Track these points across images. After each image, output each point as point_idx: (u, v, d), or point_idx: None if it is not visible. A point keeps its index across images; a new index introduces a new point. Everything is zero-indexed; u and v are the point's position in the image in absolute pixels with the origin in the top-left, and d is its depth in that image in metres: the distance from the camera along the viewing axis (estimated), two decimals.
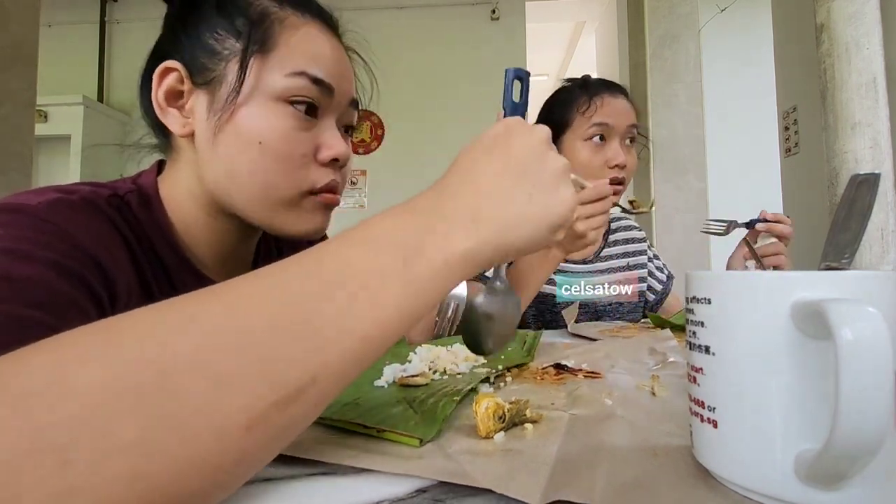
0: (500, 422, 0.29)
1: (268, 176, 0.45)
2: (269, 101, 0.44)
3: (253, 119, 0.44)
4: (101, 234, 0.40)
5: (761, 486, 0.20)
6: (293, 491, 0.23)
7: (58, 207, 0.38)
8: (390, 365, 0.43)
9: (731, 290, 0.21)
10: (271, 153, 0.44)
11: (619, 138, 0.91)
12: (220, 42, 0.45)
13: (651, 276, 1.05)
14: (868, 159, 1.28)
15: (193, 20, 0.46)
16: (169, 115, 0.46)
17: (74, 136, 2.69)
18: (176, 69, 0.45)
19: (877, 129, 1.28)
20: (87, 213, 0.40)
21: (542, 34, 3.72)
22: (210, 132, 0.44)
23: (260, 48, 0.44)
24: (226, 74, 0.44)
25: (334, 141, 0.47)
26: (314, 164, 0.47)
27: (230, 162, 0.45)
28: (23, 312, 0.30)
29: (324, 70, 0.46)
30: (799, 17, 1.68)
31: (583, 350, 0.56)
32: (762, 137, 2.48)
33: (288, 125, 0.45)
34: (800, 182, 1.79)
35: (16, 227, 0.35)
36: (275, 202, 0.46)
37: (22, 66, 1.44)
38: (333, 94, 0.47)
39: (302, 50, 0.45)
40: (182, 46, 0.46)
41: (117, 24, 3.06)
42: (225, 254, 0.51)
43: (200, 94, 0.45)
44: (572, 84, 0.99)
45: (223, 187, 0.46)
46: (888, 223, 1.28)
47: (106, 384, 0.17)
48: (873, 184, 0.53)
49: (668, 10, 2.58)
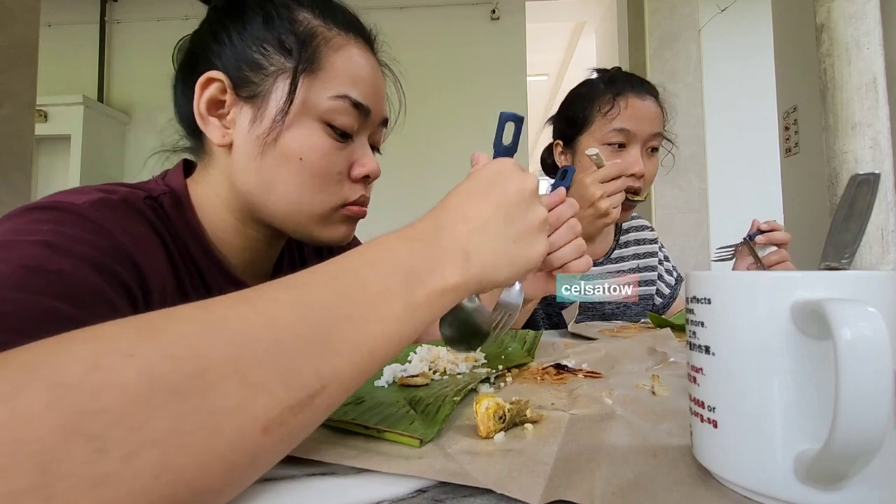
0: (501, 422, 0.29)
1: (304, 190, 0.46)
2: (313, 122, 0.46)
3: (296, 136, 0.45)
4: (139, 234, 0.41)
5: (761, 487, 0.20)
6: (293, 491, 0.23)
7: (100, 206, 0.39)
8: (390, 365, 0.43)
9: (731, 290, 0.21)
10: (310, 169, 0.46)
11: (640, 145, 0.85)
12: (266, 57, 0.45)
13: (660, 280, 1.03)
14: (868, 159, 1.28)
15: (238, 30, 0.46)
16: (210, 125, 0.47)
17: (74, 136, 2.68)
18: (220, 80, 0.45)
19: (877, 129, 1.28)
20: (127, 213, 0.41)
21: (542, 34, 3.72)
22: (253, 145, 0.45)
23: (308, 67, 0.45)
24: (272, 91, 0.45)
25: (367, 159, 0.49)
26: (347, 181, 0.49)
27: (269, 174, 0.46)
28: (53, 304, 0.31)
29: (363, 93, 0.47)
30: (799, 17, 1.68)
31: (583, 350, 0.56)
32: (762, 137, 2.48)
33: (327, 144, 0.46)
34: (800, 182, 1.79)
35: (58, 223, 0.36)
36: (308, 215, 0.48)
37: (22, 66, 1.44)
38: (369, 117, 0.49)
39: (346, 72, 0.47)
40: (225, 56, 0.46)
41: (117, 24, 3.06)
42: (251, 257, 0.53)
43: (244, 107, 0.46)
44: (598, 77, 0.92)
45: (258, 197, 0.47)
46: (888, 223, 1.28)
47: (143, 379, 0.18)
48: (873, 184, 0.53)
49: (668, 10, 2.58)
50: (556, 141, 0.97)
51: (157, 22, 2.98)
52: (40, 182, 2.74)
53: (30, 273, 0.31)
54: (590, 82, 0.93)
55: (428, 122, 2.86)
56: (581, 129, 0.89)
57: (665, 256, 1.06)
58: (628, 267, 1.00)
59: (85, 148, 2.69)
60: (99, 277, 0.35)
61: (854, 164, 1.30)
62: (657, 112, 0.87)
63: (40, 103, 2.00)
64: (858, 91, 1.29)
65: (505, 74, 2.88)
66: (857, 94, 1.29)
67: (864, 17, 1.29)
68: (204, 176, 0.50)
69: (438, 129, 2.84)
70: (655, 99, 0.88)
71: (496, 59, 2.90)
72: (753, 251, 0.81)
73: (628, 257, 1.01)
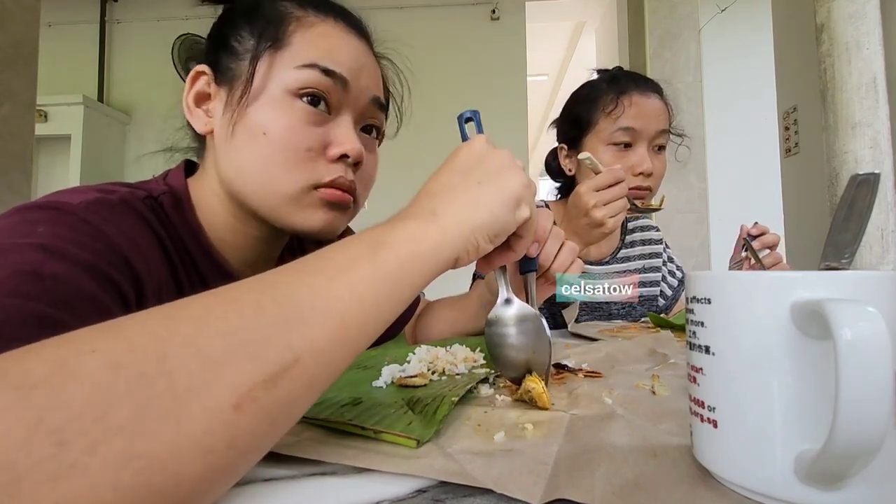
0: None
1: (270, 168, 0.45)
2: (279, 95, 0.45)
3: (261, 112, 0.45)
4: (136, 235, 0.41)
5: (761, 487, 0.20)
6: (293, 491, 0.23)
7: (97, 207, 0.39)
8: (389, 366, 0.43)
9: (731, 290, 0.21)
10: (275, 144, 0.45)
11: (646, 143, 0.84)
12: (241, 43, 0.47)
13: (664, 281, 1.02)
14: (868, 159, 1.28)
15: (224, 27, 0.49)
16: (194, 116, 0.49)
17: (74, 136, 2.68)
18: (204, 73, 0.48)
19: (877, 129, 1.28)
20: (124, 214, 0.41)
21: (542, 34, 3.72)
22: (225, 128, 0.46)
23: (273, 44, 0.45)
24: (241, 72, 0.46)
25: (345, 138, 0.47)
26: (323, 160, 0.47)
27: (238, 155, 0.46)
28: (45, 310, 0.31)
29: (338, 63, 0.46)
30: (799, 17, 1.68)
31: (583, 350, 0.56)
32: (762, 137, 2.48)
33: (295, 117, 0.45)
34: (800, 182, 1.79)
35: (54, 224, 0.36)
36: (279, 195, 0.46)
37: (22, 65, 1.43)
38: (348, 88, 0.47)
39: (316, 45, 0.46)
40: (211, 51, 0.49)
41: (117, 24, 3.06)
42: (251, 256, 0.53)
43: (220, 93, 0.47)
44: (599, 78, 0.91)
45: (233, 181, 0.47)
46: (888, 223, 1.28)
47: (106, 370, 0.18)
48: (873, 184, 0.53)
49: (668, 10, 2.58)
50: (561, 145, 0.96)
51: (157, 22, 2.98)
52: (40, 182, 2.73)
53: (25, 278, 0.31)
54: (592, 83, 0.92)
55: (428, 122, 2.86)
56: (585, 130, 0.88)
57: (669, 257, 1.06)
58: (634, 267, 0.99)
59: (85, 148, 2.68)
60: (92, 282, 0.35)
61: (854, 164, 1.30)
62: (662, 108, 0.86)
63: (40, 103, 2.00)
64: (858, 91, 1.29)
65: (505, 74, 2.88)
66: (856, 94, 1.30)
67: (864, 17, 1.29)
68: (202, 173, 0.51)
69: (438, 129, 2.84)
70: (659, 95, 0.87)
71: (496, 59, 2.90)
72: (754, 252, 0.81)
73: (634, 257, 1.00)
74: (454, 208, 0.31)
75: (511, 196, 0.33)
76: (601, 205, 0.69)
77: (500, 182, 0.33)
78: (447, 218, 0.30)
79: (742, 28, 2.78)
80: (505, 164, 0.34)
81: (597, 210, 0.69)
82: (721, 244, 2.48)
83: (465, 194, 0.32)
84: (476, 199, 0.31)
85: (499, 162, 0.34)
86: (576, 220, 0.73)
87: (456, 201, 0.31)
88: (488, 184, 0.32)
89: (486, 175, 0.33)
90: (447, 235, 0.29)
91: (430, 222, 0.29)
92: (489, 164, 0.33)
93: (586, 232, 0.71)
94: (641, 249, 1.01)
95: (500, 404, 0.36)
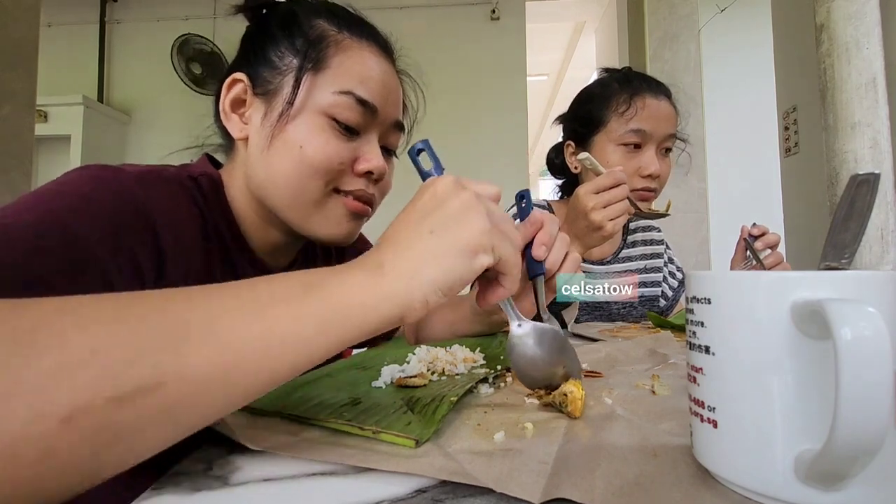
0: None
1: (303, 178, 0.48)
2: (316, 114, 0.48)
3: (299, 127, 0.48)
4: (179, 208, 0.45)
5: (761, 487, 0.20)
6: (293, 491, 0.23)
7: (149, 177, 0.43)
8: (388, 366, 0.43)
9: (731, 290, 0.21)
10: (310, 158, 0.47)
11: (655, 146, 0.84)
12: (280, 58, 0.49)
13: (665, 282, 1.02)
14: (868, 159, 1.28)
15: (261, 39, 0.51)
16: (231, 121, 0.51)
17: (74, 136, 2.68)
18: (242, 81, 0.50)
19: (877, 129, 1.28)
20: (174, 187, 0.46)
21: (542, 34, 3.72)
22: (262, 139, 0.49)
23: (314, 66, 0.48)
24: (282, 87, 0.48)
25: (372, 155, 0.50)
26: (349, 174, 0.50)
27: (274, 164, 0.48)
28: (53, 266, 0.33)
29: (370, 91, 0.49)
30: (799, 17, 1.68)
31: (583, 350, 0.56)
32: (762, 137, 2.48)
33: (329, 137, 0.48)
34: (800, 182, 1.79)
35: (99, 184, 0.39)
36: (307, 203, 0.49)
37: (22, 66, 1.43)
38: (377, 115, 0.50)
39: (352, 71, 0.49)
40: (249, 61, 0.51)
41: (117, 24, 3.06)
42: (270, 251, 0.55)
43: (258, 103, 0.50)
44: (611, 77, 0.91)
45: (263, 188, 0.50)
46: (888, 223, 1.28)
47: None
48: (873, 184, 0.53)
49: (668, 10, 2.58)
50: (568, 142, 0.96)
51: (157, 22, 2.98)
52: (40, 182, 2.72)
53: (51, 228, 0.34)
54: (603, 81, 0.91)
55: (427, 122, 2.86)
56: (595, 129, 0.88)
57: (670, 258, 1.06)
58: (636, 267, 0.99)
59: (85, 148, 2.68)
60: (105, 251, 0.37)
61: (854, 163, 1.30)
62: (672, 112, 0.86)
63: (40, 103, 2.00)
64: (858, 91, 1.29)
65: (505, 74, 2.88)
66: (856, 94, 1.30)
67: (864, 17, 1.29)
68: (229, 170, 0.54)
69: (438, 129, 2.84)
70: (669, 99, 0.87)
71: (496, 59, 2.89)
72: (755, 252, 0.81)
73: (636, 257, 1.00)
74: (402, 263, 0.29)
75: (465, 247, 0.30)
76: (600, 207, 0.68)
77: (455, 231, 0.30)
78: (394, 274, 0.28)
79: (742, 28, 2.78)
80: (466, 207, 0.31)
81: (596, 212, 0.68)
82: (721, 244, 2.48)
83: (416, 246, 0.29)
84: (426, 252, 0.29)
85: (458, 205, 0.31)
86: (576, 223, 0.73)
87: (404, 255, 0.29)
88: (442, 233, 0.30)
89: (441, 223, 0.30)
90: (391, 291, 0.27)
91: (375, 276, 0.28)
92: (448, 208, 0.31)
93: (586, 235, 0.70)
94: (643, 249, 1.01)
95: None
